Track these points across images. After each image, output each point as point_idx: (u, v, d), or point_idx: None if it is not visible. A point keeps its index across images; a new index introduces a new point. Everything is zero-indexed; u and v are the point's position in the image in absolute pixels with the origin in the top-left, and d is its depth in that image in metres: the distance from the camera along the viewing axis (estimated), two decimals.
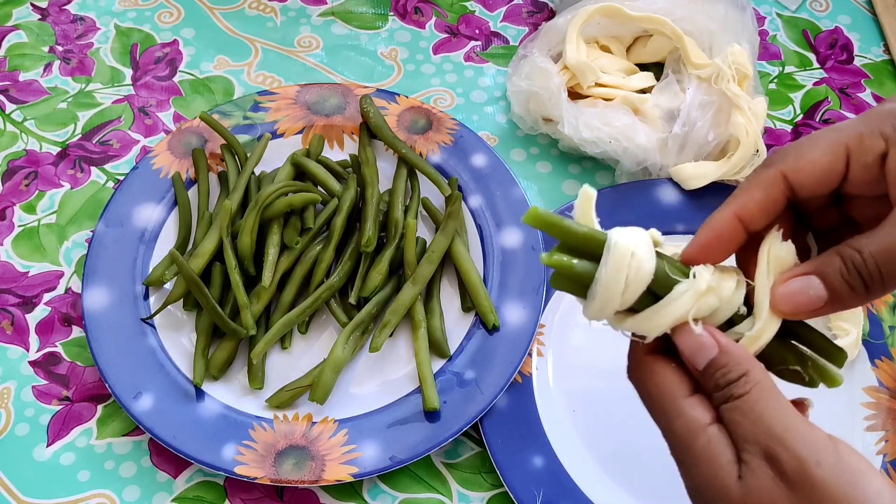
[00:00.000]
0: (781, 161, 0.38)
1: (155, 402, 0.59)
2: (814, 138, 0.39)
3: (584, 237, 0.38)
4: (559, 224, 0.39)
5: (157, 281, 0.64)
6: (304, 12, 0.83)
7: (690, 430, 0.38)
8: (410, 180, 0.69)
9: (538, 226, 0.39)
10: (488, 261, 0.66)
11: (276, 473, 0.57)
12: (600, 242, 0.38)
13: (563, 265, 0.39)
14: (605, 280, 0.38)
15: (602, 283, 0.38)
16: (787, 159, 0.38)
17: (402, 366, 0.63)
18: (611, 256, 0.37)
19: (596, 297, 0.38)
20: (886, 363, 0.64)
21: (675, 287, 0.38)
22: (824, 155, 0.38)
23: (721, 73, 0.69)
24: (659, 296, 0.38)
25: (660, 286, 0.38)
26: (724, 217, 0.39)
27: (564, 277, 0.39)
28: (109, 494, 0.58)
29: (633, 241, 0.38)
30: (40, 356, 0.64)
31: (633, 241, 0.38)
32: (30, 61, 0.79)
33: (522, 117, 0.73)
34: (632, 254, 0.37)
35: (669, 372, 0.40)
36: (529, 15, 0.84)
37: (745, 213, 0.39)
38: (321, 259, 0.64)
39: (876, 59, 0.82)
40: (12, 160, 0.73)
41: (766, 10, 0.85)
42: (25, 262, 0.68)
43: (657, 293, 0.38)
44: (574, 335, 0.65)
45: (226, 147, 0.70)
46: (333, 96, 0.74)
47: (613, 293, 0.38)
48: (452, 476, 0.60)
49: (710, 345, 0.38)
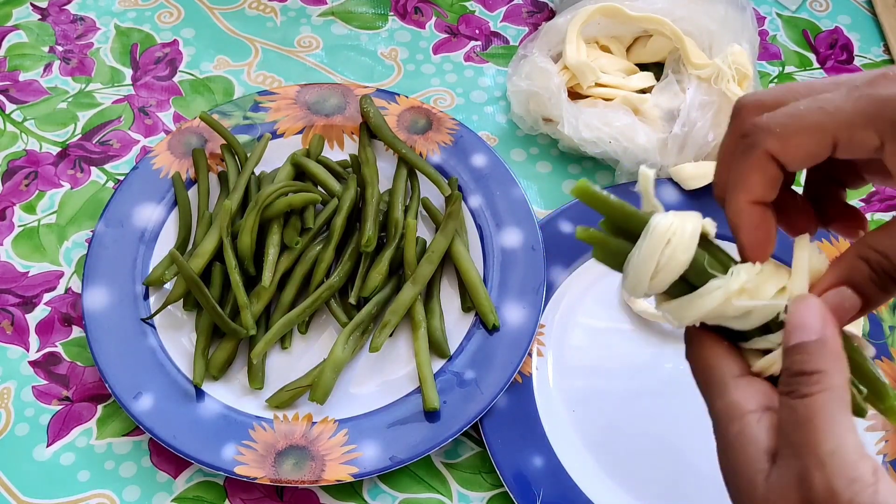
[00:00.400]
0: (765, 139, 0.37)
1: (155, 402, 0.59)
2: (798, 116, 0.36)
3: (627, 215, 0.38)
4: (604, 200, 0.38)
5: (157, 281, 0.64)
6: (304, 12, 0.83)
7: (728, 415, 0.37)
8: (410, 180, 0.69)
9: (585, 199, 0.38)
10: (488, 261, 0.66)
11: (276, 473, 0.57)
12: (643, 223, 0.38)
13: (596, 238, 0.39)
14: (636, 262, 0.38)
15: (632, 264, 0.38)
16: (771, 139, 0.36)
17: (402, 366, 0.63)
18: (646, 241, 0.37)
19: (627, 278, 0.38)
20: (886, 363, 0.64)
21: (709, 282, 0.37)
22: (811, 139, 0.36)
23: (721, 73, 0.69)
24: (694, 286, 0.38)
25: (696, 277, 0.38)
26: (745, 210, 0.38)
27: (602, 251, 0.39)
28: (109, 494, 0.58)
29: (675, 227, 0.37)
30: (40, 356, 0.64)
31: (674, 228, 0.37)
32: (30, 61, 0.79)
33: (522, 117, 0.73)
34: (668, 241, 0.37)
35: (722, 350, 0.38)
36: (529, 15, 0.84)
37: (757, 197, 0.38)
38: (321, 259, 0.64)
39: (876, 59, 0.82)
40: (12, 160, 0.73)
41: (766, 10, 0.85)
42: (25, 262, 0.68)
43: (693, 283, 0.38)
44: (574, 335, 0.65)
45: (226, 147, 0.70)
46: (333, 96, 0.74)
47: (642, 276, 0.38)
48: (452, 476, 0.60)
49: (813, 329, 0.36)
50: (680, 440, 0.60)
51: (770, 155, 0.37)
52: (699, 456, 0.59)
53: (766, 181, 0.37)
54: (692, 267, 0.37)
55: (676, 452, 0.60)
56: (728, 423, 0.36)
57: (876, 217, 0.72)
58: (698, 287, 0.38)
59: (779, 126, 0.36)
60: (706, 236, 0.38)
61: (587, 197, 0.38)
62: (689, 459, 0.59)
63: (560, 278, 0.66)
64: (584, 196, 0.38)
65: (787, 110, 0.37)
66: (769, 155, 0.37)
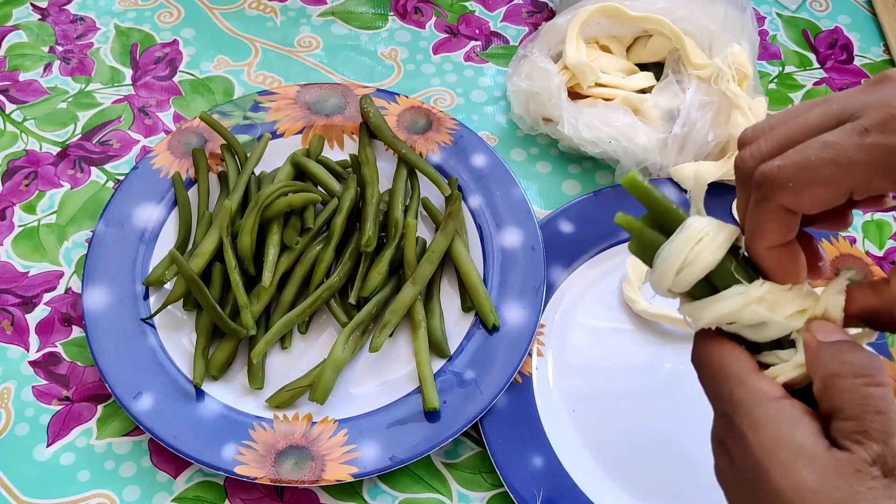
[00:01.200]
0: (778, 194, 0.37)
1: (155, 402, 0.59)
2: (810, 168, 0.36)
3: (668, 211, 0.40)
4: (650, 193, 0.40)
5: (157, 281, 0.64)
6: (304, 12, 0.83)
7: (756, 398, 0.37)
8: (410, 180, 0.69)
9: (633, 191, 0.40)
10: (488, 261, 0.66)
11: (276, 473, 0.57)
12: (680, 220, 0.40)
13: (634, 226, 0.41)
14: (665, 255, 0.39)
15: (661, 257, 0.39)
16: (785, 194, 0.37)
17: (402, 366, 0.63)
18: (679, 236, 0.39)
19: (655, 270, 0.40)
20: (887, 363, 0.64)
21: (732, 286, 0.39)
22: (825, 191, 0.36)
23: (721, 73, 0.69)
24: (717, 289, 0.39)
25: (720, 280, 0.39)
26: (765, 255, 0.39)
27: (638, 243, 0.41)
28: (109, 494, 0.59)
29: (709, 230, 0.39)
30: (40, 356, 0.64)
31: (708, 230, 0.39)
32: (30, 61, 0.79)
33: (522, 117, 0.73)
34: (699, 240, 0.39)
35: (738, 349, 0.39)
36: (529, 15, 0.84)
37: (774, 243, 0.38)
38: (321, 259, 0.64)
39: (876, 59, 0.82)
40: (12, 160, 0.73)
41: (766, 10, 0.85)
42: (25, 262, 0.68)
43: (716, 286, 0.39)
44: (574, 335, 0.65)
45: (226, 147, 0.70)
46: (333, 96, 0.74)
47: (668, 270, 0.39)
48: (452, 476, 0.60)
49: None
50: (680, 440, 0.60)
51: (784, 208, 0.37)
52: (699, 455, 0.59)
53: (782, 228, 0.38)
54: (718, 270, 0.39)
55: (676, 452, 0.60)
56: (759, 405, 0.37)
57: (876, 217, 0.72)
58: (721, 290, 0.39)
59: (791, 180, 0.36)
60: (739, 248, 0.39)
61: (635, 189, 0.40)
62: (688, 459, 0.59)
63: (560, 278, 0.66)
64: (633, 187, 0.40)
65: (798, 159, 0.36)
66: (783, 208, 0.37)
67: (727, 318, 0.39)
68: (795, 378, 0.38)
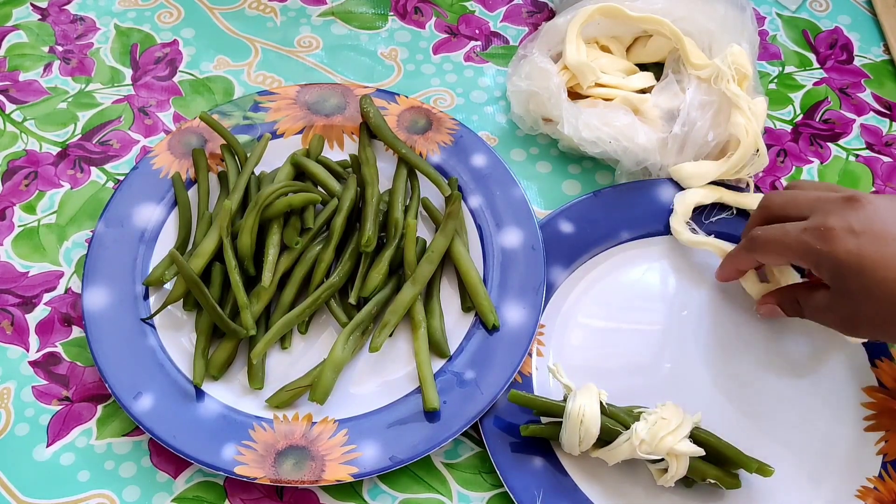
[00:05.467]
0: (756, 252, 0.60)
1: (155, 402, 0.59)
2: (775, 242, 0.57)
3: (551, 407, 0.58)
4: (533, 401, 0.58)
5: (157, 281, 0.64)
6: (304, 12, 0.83)
7: None
8: (410, 180, 0.69)
9: (516, 401, 0.58)
10: (488, 261, 0.66)
11: (276, 473, 0.57)
12: (561, 409, 0.57)
13: (536, 432, 0.58)
14: (566, 438, 0.56)
15: (564, 440, 0.57)
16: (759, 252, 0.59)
17: (402, 366, 0.63)
18: (567, 423, 0.56)
19: (563, 445, 0.57)
20: (886, 363, 0.64)
21: (617, 437, 0.56)
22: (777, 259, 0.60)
23: (721, 73, 0.69)
24: (608, 441, 0.56)
25: (608, 436, 0.56)
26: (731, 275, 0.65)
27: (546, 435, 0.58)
28: (109, 494, 0.59)
29: (583, 409, 0.55)
30: (40, 356, 0.64)
31: (583, 410, 0.55)
32: (30, 61, 0.79)
33: (522, 117, 0.73)
34: (581, 421, 0.55)
35: None
36: (529, 15, 0.84)
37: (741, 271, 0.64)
38: (321, 259, 0.64)
39: (876, 59, 0.82)
40: (12, 160, 0.73)
41: (766, 10, 0.85)
42: (25, 263, 0.68)
43: (607, 440, 0.56)
44: (574, 335, 0.65)
45: (226, 147, 0.70)
46: (333, 96, 0.74)
47: (573, 445, 0.56)
48: (452, 476, 0.60)
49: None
50: None
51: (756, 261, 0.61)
52: None
53: (749, 265, 0.63)
54: (603, 430, 0.56)
55: None
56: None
57: None
58: (611, 442, 0.56)
59: (762, 248, 0.59)
60: (601, 402, 0.56)
61: (518, 400, 0.58)
62: None
63: (560, 278, 0.66)
64: (516, 399, 0.58)
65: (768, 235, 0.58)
66: (755, 259, 0.61)
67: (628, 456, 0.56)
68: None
